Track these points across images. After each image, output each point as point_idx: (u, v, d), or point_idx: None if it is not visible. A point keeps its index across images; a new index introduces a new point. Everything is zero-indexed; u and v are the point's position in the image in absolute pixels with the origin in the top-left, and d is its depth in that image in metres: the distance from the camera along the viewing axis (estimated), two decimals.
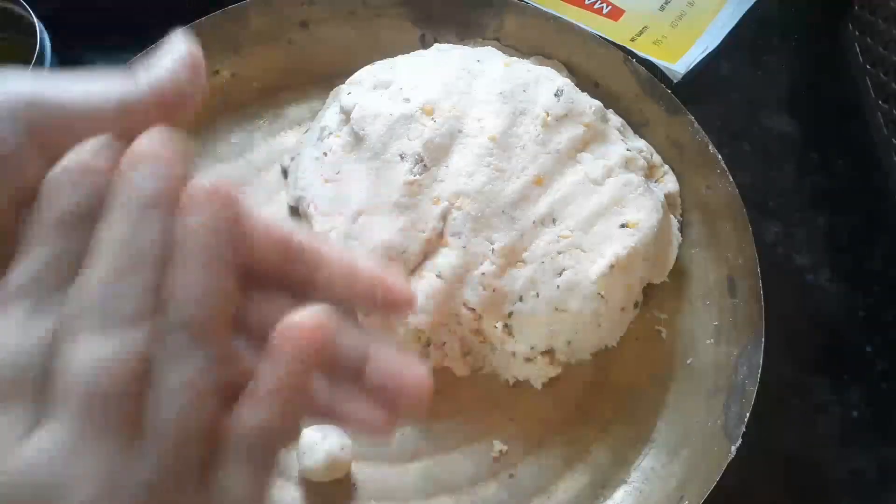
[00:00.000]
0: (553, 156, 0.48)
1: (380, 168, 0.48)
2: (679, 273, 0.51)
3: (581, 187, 0.47)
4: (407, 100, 0.49)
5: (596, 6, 0.62)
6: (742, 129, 0.59)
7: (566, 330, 0.46)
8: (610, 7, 0.62)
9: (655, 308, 0.51)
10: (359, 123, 0.49)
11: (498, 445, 0.47)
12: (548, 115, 0.48)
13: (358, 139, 0.49)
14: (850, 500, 0.48)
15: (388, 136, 0.48)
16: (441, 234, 0.46)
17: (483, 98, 0.49)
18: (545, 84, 0.50)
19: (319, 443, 0.44)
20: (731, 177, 0.50)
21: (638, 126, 0.54)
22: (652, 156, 0.52)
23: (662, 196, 0.50)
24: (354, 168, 0.48)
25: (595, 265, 0.46)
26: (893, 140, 0.56)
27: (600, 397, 0.49)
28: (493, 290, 0.45)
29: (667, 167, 0.53)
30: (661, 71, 0.58)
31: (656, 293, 0.51)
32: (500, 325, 0.46)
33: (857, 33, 0.61)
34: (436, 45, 0.55)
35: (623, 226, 0.47)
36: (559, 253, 0.46)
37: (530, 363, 0.47)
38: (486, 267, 0.46)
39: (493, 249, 0.46)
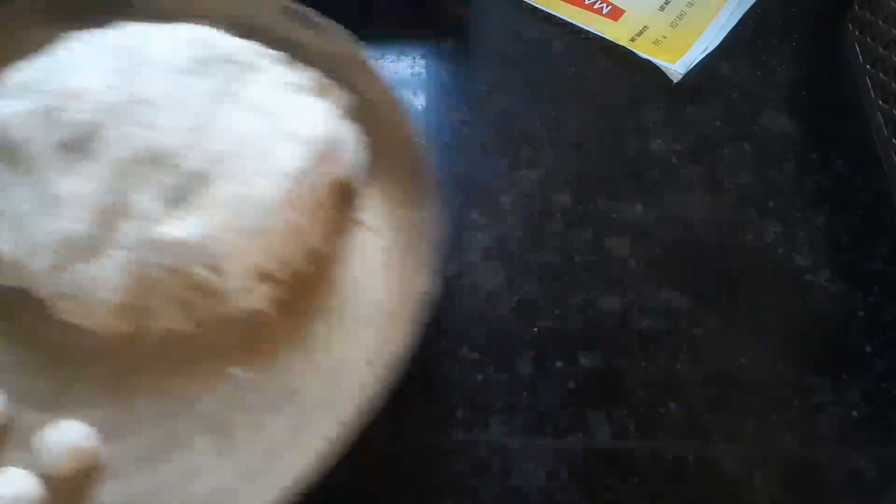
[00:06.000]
0: (205, 102, 0.46)
1: (38, 175, 0.44)
2: None
3: (242, 123, 0.46)
4: (49, 93, 0.46)
5: (596, 6, 0.62)
6: (742, 129, 0.59)
7: (266, 251, 0.45)
8: (610, 7, 0.62)
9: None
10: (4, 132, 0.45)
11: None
12: (187, 66, 0.47)
13: (8, 153, 0.45)
14: (850, 500, 0.48)
15: (39, 135, 0.45)
16: (115, 211, 0.44)
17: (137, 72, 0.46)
18: (176, 39, 0.48)
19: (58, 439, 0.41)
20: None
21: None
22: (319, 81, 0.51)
23: (334, 108, 0.50)
24: (16, 188, 0.45)
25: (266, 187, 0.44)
26: (893, 140, 0.56)
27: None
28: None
29: (337, 84, 0.51)
30: (661, 71, 0.58)
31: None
32: (203, 270, 0.44)
33: (857, 33, 0.61)
34: (75, 35, 0.50)
35: (291, 136, 0.46)
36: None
37: (252, 294, 0.45)
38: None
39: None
